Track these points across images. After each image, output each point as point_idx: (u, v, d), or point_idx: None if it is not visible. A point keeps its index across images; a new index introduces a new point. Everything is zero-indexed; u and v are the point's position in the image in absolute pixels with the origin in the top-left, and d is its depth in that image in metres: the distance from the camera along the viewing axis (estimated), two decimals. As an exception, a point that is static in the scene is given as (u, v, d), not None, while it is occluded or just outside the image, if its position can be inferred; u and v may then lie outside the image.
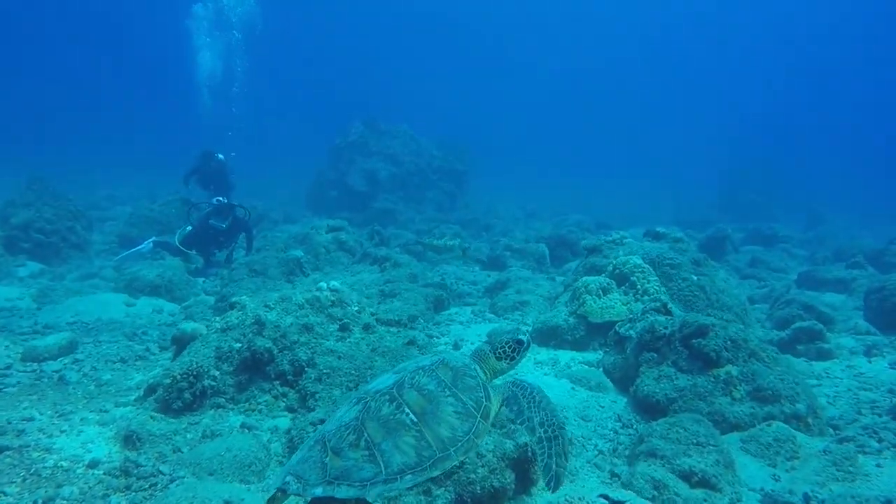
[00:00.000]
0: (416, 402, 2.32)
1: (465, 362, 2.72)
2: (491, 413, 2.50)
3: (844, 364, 6.17)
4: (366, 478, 2.06)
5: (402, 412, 2.27)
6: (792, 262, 13.69)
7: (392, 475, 2.10)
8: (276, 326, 4.89)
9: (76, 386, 5.02)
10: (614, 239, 7.85)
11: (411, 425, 2.23)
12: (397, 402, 2.31)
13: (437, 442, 2.22)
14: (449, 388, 2.42)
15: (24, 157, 27.87)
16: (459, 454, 2.25)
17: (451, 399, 2.38)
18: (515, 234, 15.99)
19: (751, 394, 4.48)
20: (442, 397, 2.38)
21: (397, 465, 2.10)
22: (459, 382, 2.48)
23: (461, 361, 2.70)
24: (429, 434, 2.23)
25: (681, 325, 4.88)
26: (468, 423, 2.33)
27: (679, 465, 3.59)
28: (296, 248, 10.13)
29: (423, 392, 2.37)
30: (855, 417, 4.92)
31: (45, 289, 8.34)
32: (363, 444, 2.16)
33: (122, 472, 3.53)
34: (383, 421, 2.23)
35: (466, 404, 2.40)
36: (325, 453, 2.15)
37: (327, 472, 2.07)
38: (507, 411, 2.68)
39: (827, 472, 3.86)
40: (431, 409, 2.32)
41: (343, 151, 23.75)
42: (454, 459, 2.23)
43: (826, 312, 7.73)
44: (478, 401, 2.44)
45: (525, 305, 7.89)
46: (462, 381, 2.50)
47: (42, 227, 10.67)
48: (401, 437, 2.20)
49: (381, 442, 2.17)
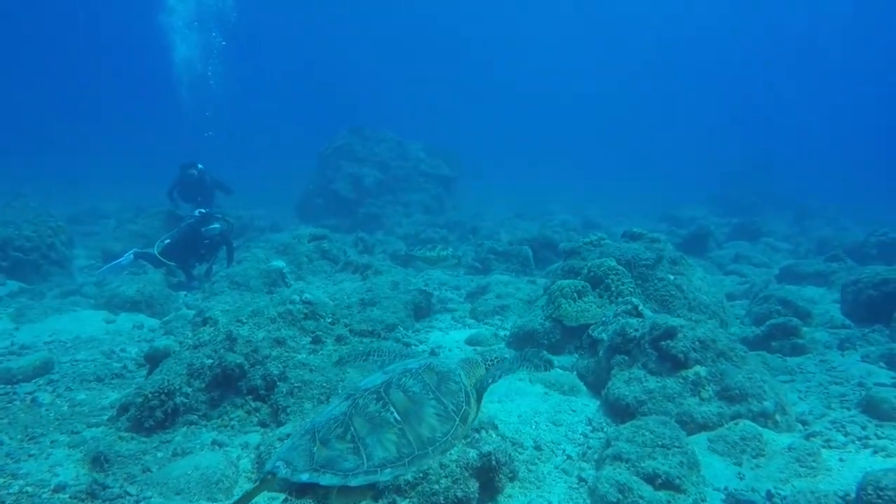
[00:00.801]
0: (400, 402, 2.51)
1: (451, 368, 2.85)
2: (469, 417, 2.66)
3: (818, 359, 6.24)
4: (349, 468, 2.25)
5: (388, 411, 2.47)
6: (776, 257, 13.80)
7: (373, 468, 2.29)
8: (248, 341, 4.90)
9: (49, 407, 5.01)
10: (592, 240, 7.90)
11: (395, 423, 2.44)
12: (384, 401, 2.50)
13: (417, 441, 2.43)
14: (433, 391, 2.60)
15: (9, 171, 27.77)
16: (437, 453, 2.45)
17: (434, 402, 2.57)
18: (501, 236, 16.03)
19: (719, 394, 4.53)
20: (425, 399, 2.56)
21: (379, 458, 2.31)
22: (443, 387, 2.65)
23: (446, 367, 2.84)
24: (410, 433, 2.45)
25: (650, 328, 4.92)
26: (447, 425, 2.52)
27: (643, 467, 3.62)
28: (278, 258, 10.14)
29: (408, 393, 2.57)
30: (824, 412, 4.98)
31: (23, 307, 8.30)
32: (349, 437, 2.37)
33: (88, 494, 3.52)
34: (369, 417, 2.43)
35: (447, 407, 2.59)
36: (314, 443, 2.33)
37: (314, 460, 2.25)
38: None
39: (790, 468, 3.91)
40: (415, 409, 2.52)
41: (329, 158, 23.82)
42: (431, 458, 2.41)
43: (803, 307, 7.80)
44: (458, 405, 2.61)
45: (505, 310, 7.93)
46: (445, 385, 2.66)
47: (21, 245, 10.60)
48: (384, 434, 2.40)
49: (365, 437, 2.37)
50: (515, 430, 4.52)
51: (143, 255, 10.52)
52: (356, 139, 23.74)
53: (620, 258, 6.99)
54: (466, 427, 2.62)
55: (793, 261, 11.86)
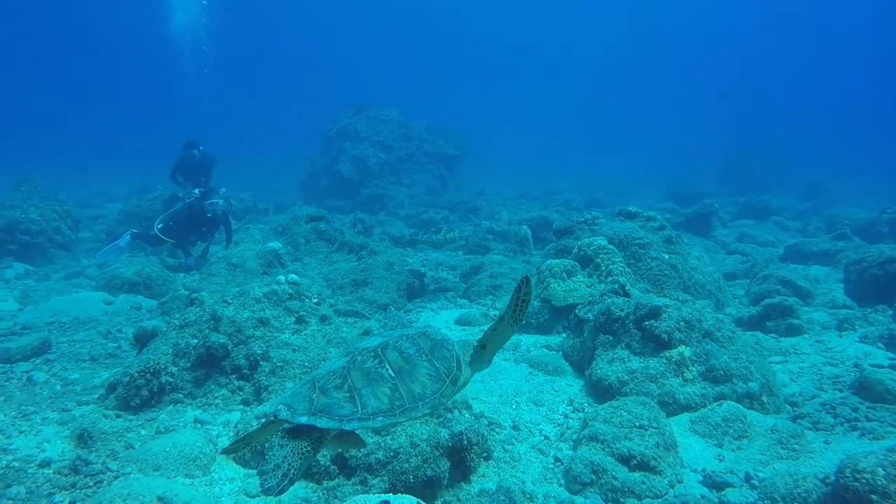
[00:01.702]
0: (395, 361, 2.64)
1: (445, 337, 2.98)
2: (459, 381, 2.78)
3: (814, 339, 6.15)
4: (344, 414, 2.39)
5: (383, 367, 2.60)
6: (783, 236, 13.58)
7: (367, 415, 2.42)
8: (232, 321, 4.93)
9: (43, 386, 5.09)
10: (586, 220, 7.82)
11: (389, 379, 2.56)
12: (380, 359, 2.64)
13: (408, 395, 2.54)
14: (426, 354, 2.74)
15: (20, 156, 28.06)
16: (426, 408, 2.56)
17: (427, 363, 2.69)
18: (503, 215, 15.94)
19: (703, 374, 4.48)
20: (419, 361, 2.69)
21: (372, 407, 2.43)
22: (436, 352, 2.78)
23: (441, 335, 2.98)
24: (402, 388, 2.55)
25: (635, 308, 4.87)
26: (437, 385, 2.64)
27: (618, 448, 3.61)
28: (275, 239, 10.17)
29: (403, 354, 2.69)
30: (815, 394, 4.91)
31: (28, 289, 8.44)
32: (346, 387, 2.50)
33: (71, 470, 3.58)
34: (365, 372, 2.56)
35: (439, 370, 2.70)
36: (314, 391, 2.48)
37: (313, 406, 2.40)
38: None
39: (772, 450, 3.87)
40: (408, 368, 2.64)
41: (333, 139, 23.74)
42: (420, 411, 2.53)
43: (804, 286, 7.69)
44: (449, 369, 2.73)
45: (498, 290, 7.90)
46: (439, 351, 2.80)
47: (27, 229, 10.74)
48: (378, 387, 2.52)
49: (361, 388, 2.50)
50: (495, 409, 4.52)
51: (141, 236, 10.60)
52: (360, 119, 23.58)
53: (613, 237, 6.90)
54: (456, 389, 2.75)
55: (798, 239, 11.67)
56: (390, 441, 3.50)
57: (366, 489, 3.33)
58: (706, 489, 3.53)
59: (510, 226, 12.04)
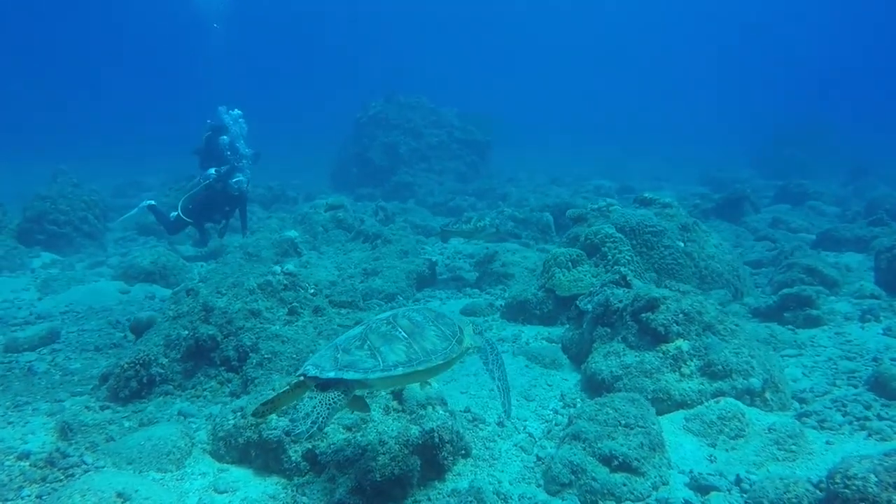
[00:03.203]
0: (406, 325, 2.93)
1: (445, 312, 3.30)
2: (464, 342, 3.08)
3: (833, 331, 5.81)
4: (368, 367, 2.66)
5: (396, 330, 2.88)
6: (819, 221, 12.95)
7: (388, 367, 2.68)
8: (223, 312, 4.91)
9: (42, 376, 5.19)
10: (600, 207, 7.55)
11: (403, 339, 2.84)
12: (392, 324, 2.93)
13: (421, 350, 2.82)
14: (432, 322, 3.05)
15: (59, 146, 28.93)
16: (439, 359, 2.83)
17: (434, 327, 2.99)
18: (530, 202, 15.63)
19: (701, 369, 4.26)
20: (427, 325, 2.99)
21: (392, 361, 2.71)
22: (440, 320, 3.09)
23: (442, 311, 3.32)
24: (416, 345, 2.83)
25: (633, 299, 4.66)
26: (446, 343, 2.94)
27: (600, 448, 3.44)
28: (293, 228, 10.19)
29: (412, 321, 2.99)
30: (827, 389, 4.64)
31: (49, 279, 8.63)
32: (366, 346, 2.76)
33: (48, 463, 3.61)
34: (381, 334, 2.84)
35: (445, 332, 3.00)
36: (337, 352, 2.73)
37: (338, 363, 2.67)
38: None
39: (767, 451, 3.65)
40: (418, 331, 2.93)
41: (364, 126, 23.75)
42: (434, 361, 2.81)
43: (830, 275, 7.29)
44: (454, 332, 3.05)
45: (509, 278, 7.73)
46: (442, 319, 3.12)
47: (55, 219, 11.02)
48: (395, 345, 2.79)
49: (380, 346, 2.76)
50: (483, 405, 4.40)
51: (155, 211, 10.89)
52: (391, 107, 23.51)
53: (624, 225, 6.65)
54: (461, 348, 3.04)
55: (831, 225, 11.11)
56: (360, 438, 3.42)
57: (333, 486, 3.26)
58: (691, 492, 3.34)
59: (532, 213, 11.77)
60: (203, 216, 10.80)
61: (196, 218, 10.65)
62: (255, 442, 3.59)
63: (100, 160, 26.29)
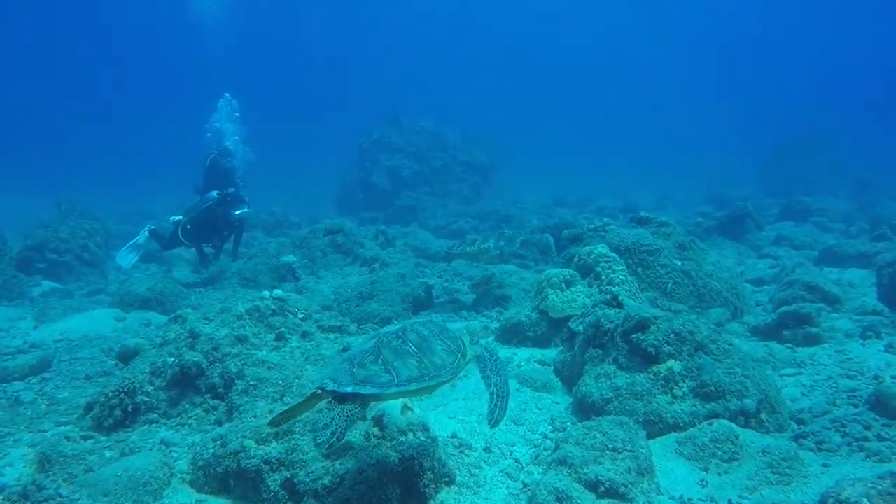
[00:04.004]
0: (415, 340, 3.06)
1: (447, 325, 3.51)
2: (467, 356, 3.22)
3: (834, 349, 5.68)
4: (384, 382, 2.78)
5: (407, 345, 3.01)
6: (824, 237, 12.82)
7: (402, 381, 2.81)
8: (210, 339, 4.86)
9: (28, 406, 5.12)
10: (596, 227, 7.51)
11: (413, 353, 2.97)
12: (402, 339, 3.05)
13: (431, 365, 2.95)
14: (437, 335, 3.17)
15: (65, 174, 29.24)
16: (447, 375, 2.98)
17: (440, 342, 3.12)
18: (532, 223, 15.59)
19: (694, 390, 4.15)
20: (434, 339, 3.12)
21: (406, 376, 2.84)
22: (444, 334, 3.23)
23: (444, 324, 3.48)
24: (426, 360, 2.96)
25: (623, 320, 4.57)
26: (453, 357, 3.08)
27: (586, 474, 3.34)
28: (292, 252, 10.18)
29: (420, 335, 3.11)
30: (826, 409, 4.51)
31: (46, 307, 8.63)
32: (380, 361, 2.87)
33: (21, 496, 3.53)
34: (393, 349, 2.96)
35: (450, 346, 3.13)
36: (353, 366, 2.84)
37: (355, 377, 2.78)
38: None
39: (761, 475, 3.53)
40: (427, 345, 3.05)
41: (368, 151, 23.96)
42: (444, 377, 2.96)
43: (832, 292, 7.17)
44: (458, 346, 3.19)
45: (506, 301, 7.65)
46: (446, 333, 3.25)
47: (56, 247, 11.08)
48: (407, 360, 2.91)
49: (393, 361, 2.88)
50: (471, 430, 4.29)
51: (157, 234, 10.92)
52: (394, 131, 23.72)
53: (619, 245, 6.58)
54: (466, 360, 3.19)
55: (835, 241, 10.97)
56: (339, 466, 3.33)
57: (311, 517, 3.17)
58: (680, 519, 3.23)
59: (532, 234, 11.73)
60: (202, 238, 10.85)
61: (194, 240, 10.69)
62: (234, 471, 3.51)
63: (104, 187, 26.52)
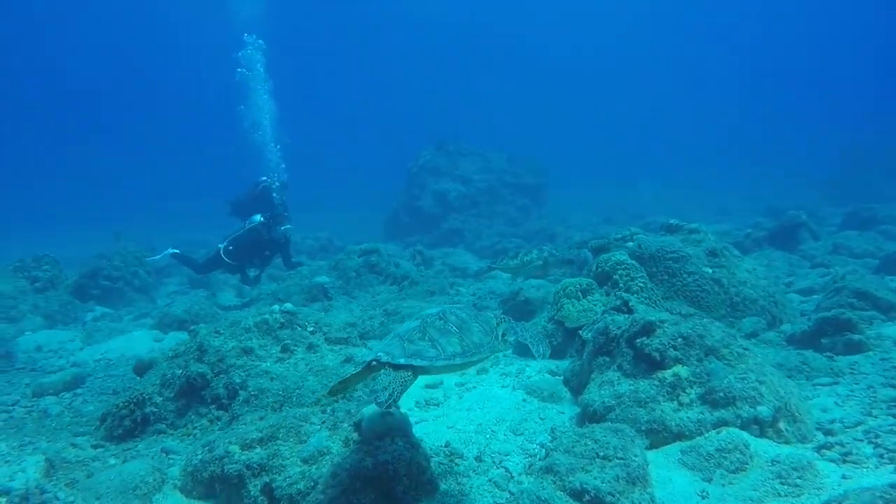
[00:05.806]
0: (455, 321, 3.30)
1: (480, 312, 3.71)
2: (499, 336, 3.55)
3: (879, 357, 5.21)
4: (431, 356, 3.04)
5: (448, 325, 3.25)
6: (888, 245, 11.93)
7: (448, 356, 3.06)
8: (216, 351, 4.95)
9: (54, 418, 5.34)
10: (623, 236, 7.28)
11: (454, 332, 3.21)
12: (444, 319, 3.29)
13: (471, 343, 3.21)
14: (474, 318, 3.43)
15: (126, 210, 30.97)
16: (486, 352, 3.28)
17: (477, 324, 3.38)
18: (574, 239, 15.29)
19: (702, 397, 3.88)
20: (471, 321, 3.38)
21: (450, 351, 3.10)
22: (480, 317, 3.51)
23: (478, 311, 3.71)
24: (466, 339, 3.20)
25: (629, 324, 4.35)
26: (489, 337, 3.36)
27: (571, 482, 3.15)
28: (326, 274, 10.32)
29: (459, 317, 3.36)
30: (860, 420, 4.11)
31: (94, 330, 9.06)
32: (427, 338, 3.12)
33: (22, 498, 3.65)
34: (437, 327, 3.21)
35: (485, 328, 3.40)
36: (403, 341, 3.08)
37: (406, 351, 3.03)
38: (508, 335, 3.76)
39: (767, 486, 3.23)
40: (466, 326, 3.30)
41: (415, 176, 24.23)
42: (483, 354, 3.25)
43: (885, 298, 6.62)
44: (492, 328, 3.49)
45: (532, 315, 7.45)
46: (481, 316, 3.54)
47: (109, 274, 11.67)
48: (450, 338, 3.16)
49: (438, 338, 3.13)
50: (466, 439, 4.16)
51: (180, 257, 11.44)
52: (440, 155, 23.98)
53: (642, 253, 6.33)
54: (499, 343, 3.50)
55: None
56: (314, 471, 3.28)
57: (283, 522, 3.12)
58: (673, 532, 2.99)
59: (570, 250, 11.48)
60: (244, 259, 11.17)
61: (237, 260, 11.03)
62: (218, 476, 3.52)
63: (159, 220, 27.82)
